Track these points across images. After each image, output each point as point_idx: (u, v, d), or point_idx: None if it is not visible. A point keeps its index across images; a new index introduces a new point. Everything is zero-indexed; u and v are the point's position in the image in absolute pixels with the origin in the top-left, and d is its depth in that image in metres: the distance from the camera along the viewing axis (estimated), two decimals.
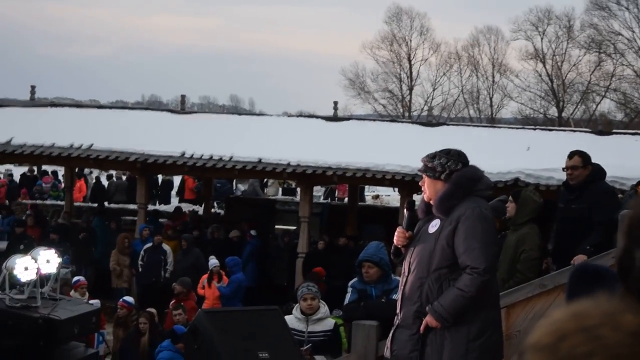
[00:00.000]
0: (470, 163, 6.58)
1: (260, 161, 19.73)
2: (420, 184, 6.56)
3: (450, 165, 6.34)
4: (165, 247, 19.79)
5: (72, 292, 13.77)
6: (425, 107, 59.78)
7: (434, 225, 6.35)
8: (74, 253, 20.24)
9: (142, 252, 19.76)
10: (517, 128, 25.06)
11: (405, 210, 6.84)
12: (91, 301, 12.40)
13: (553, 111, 57.04)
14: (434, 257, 6.25)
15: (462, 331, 6.19)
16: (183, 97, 27.54)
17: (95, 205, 27.62)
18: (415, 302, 6.33)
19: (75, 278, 14.99)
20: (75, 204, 26.54)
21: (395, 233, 6.59)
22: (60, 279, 15.38)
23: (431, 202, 6.40)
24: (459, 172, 6.31)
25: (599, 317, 0.88)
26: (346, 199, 30.14)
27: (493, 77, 60.38)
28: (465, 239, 6.16)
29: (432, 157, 6.42)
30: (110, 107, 28.39)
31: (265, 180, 33.73)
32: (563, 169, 9.87)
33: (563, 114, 55.24)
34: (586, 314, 0.90)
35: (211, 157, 20.13)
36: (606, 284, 4.17)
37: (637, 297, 0.92)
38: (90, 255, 21.61)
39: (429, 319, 6.22)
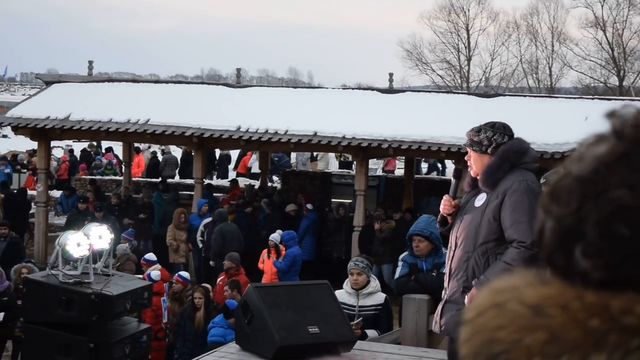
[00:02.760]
0: (524, 134, 6.49)
1: (315, 134, 19.72)
2: (466, 158, 6.49)
3: (497, 139, 6.26)
4: None
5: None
6: (484, 78, 59.28)
7: (480, 199, 6.29)
8: (132, 229, 20.35)
9: (201, 228, 19.70)
10: (575, 98, 24.73)
11: (452, 178, 6.81)
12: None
13: (614, 80, 56.23)
14: (481, 231, 6.21)
15: None
16: (239, 70, 27.59)
17: (153, 180, 27.81)
18: (462, 276, 6.30)
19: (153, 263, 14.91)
20: (134, 179, 26.75)
21: (442, 201, 6.58)
22: (122, 255, 15.65)
23: (478, 176, 6.35)
24: (505, 145, 6.24)
25: (508, 292, 1.00)
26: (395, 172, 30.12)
27: (552, 46, 59.58)
28: (512, 213, 6.09)
29: (477, 130, 6.35)
30: (167, 82, 28.46)
31: (316, 154, 33.53)
32: None
33: (624, 83, 54.43)
34: (499, 289, 1.01)
35: (267, 131, 20.15)
36: None
37: (549, 269, 1.02)
38: (149, 230, 21.74)
39: (474, 293, 6.17)
